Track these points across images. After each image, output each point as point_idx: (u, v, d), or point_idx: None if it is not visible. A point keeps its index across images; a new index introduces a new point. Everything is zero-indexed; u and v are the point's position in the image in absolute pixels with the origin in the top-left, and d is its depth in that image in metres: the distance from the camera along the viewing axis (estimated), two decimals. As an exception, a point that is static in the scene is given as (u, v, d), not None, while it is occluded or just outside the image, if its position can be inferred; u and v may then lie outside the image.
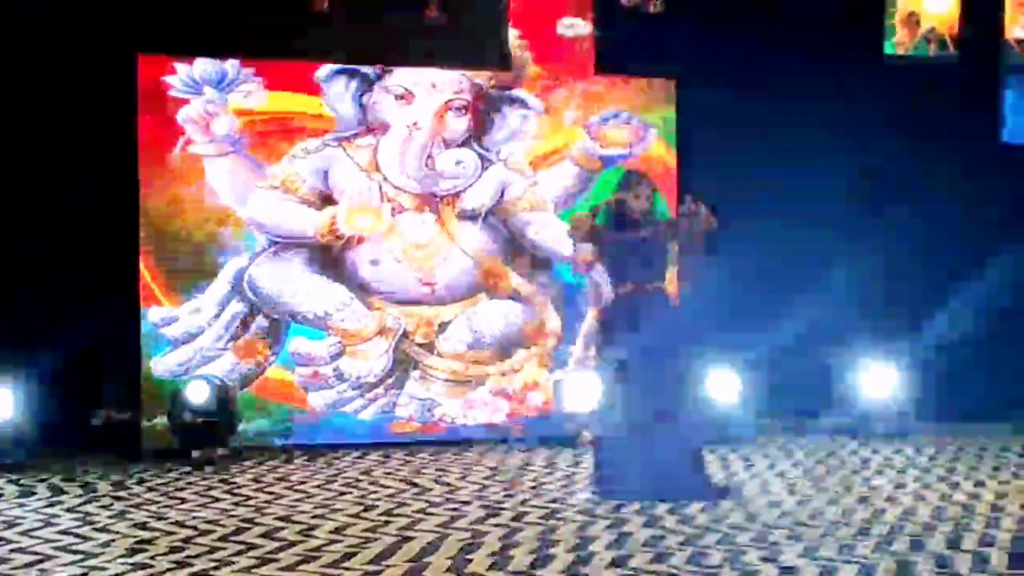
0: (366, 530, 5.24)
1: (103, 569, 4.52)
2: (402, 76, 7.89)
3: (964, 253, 8.90)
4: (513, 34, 8.02)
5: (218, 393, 7.23)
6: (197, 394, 7.17)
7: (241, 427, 7.45)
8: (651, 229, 6.19)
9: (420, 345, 7.91)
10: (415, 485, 6.41)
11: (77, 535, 5.14)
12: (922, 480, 6.47)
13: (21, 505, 5.84)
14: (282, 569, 4.53)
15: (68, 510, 5.71)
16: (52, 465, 6.96)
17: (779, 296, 8.63)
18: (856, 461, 7.16)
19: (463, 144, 8.00)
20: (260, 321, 7.65)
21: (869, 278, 8.76)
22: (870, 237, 8.77)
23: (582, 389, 7.54)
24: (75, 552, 4.81)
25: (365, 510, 5.70)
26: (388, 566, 4.57)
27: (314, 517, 5.53)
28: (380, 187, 7.84)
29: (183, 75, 7.54)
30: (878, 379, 8.21)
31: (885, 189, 8.80)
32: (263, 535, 5.13)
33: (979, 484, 6.32)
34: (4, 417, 6.94)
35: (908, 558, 4.66)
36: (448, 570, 4.50)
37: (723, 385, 7.92)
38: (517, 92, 8.10)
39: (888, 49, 8.02)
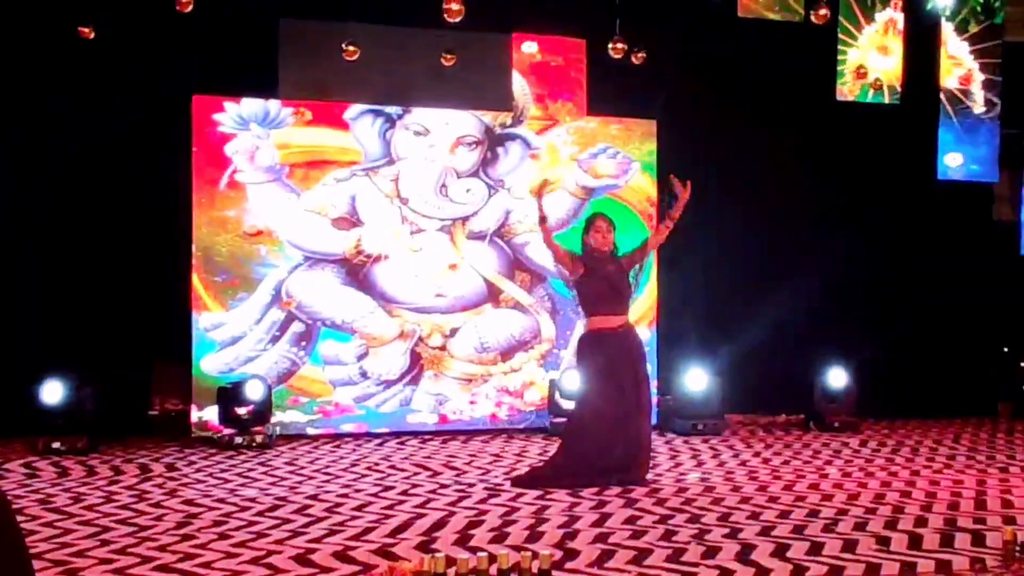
0: (384, 508, 5.24)
1: (155, 540, 4.53)
2: (420, 115, 7.92)
3: (903, 271, 8.93)
4: (516, 80, 8.05)
5: (258, 388, 7.24)
6: (248, 390, 7.18)
7: (276, 418, 7.45)
8: (616, 262, 6.01)
9: (433, 347, 7.92)
10: (427, 469, 6.43)
11: (134, 510, 5.15)
12: (866, 469, 6.47)
13: (85, 483, 5.87)
14: (311, 541, 4.54)
15: (126, 488, 5.73)
16: (114, 449, 7.00)
17: (747, 302, 8.65)
18: (809, 452, 7.16)
19: (472, 174, 8.03)
20: (295, 326, 7.67)
21: (822, 291, 8.78)
22: (824, 257, 8.78)
23: (573, 386, 7.50)
24: (131, 525, 4.82)
25: (384, 490, 5.72)
26: (403, 539, 4.58)
27: (339, 496, 5.53)
28: (400, 211, 7.87)
29: (232, 113, 7.56)
30: (831, 378, 8.19)
31: (836, 215, 8.81)
32: (295, 511, 5.14)
33: (915, 473, 6.32)
34: (75, 407, 6.94)
35: (852, 537, 4.67)
36: (455, 543, 4.51)
37: (695, 382, 7.92)
38: (519, 130, 8.12)
39: (839, 96, 8.02)
